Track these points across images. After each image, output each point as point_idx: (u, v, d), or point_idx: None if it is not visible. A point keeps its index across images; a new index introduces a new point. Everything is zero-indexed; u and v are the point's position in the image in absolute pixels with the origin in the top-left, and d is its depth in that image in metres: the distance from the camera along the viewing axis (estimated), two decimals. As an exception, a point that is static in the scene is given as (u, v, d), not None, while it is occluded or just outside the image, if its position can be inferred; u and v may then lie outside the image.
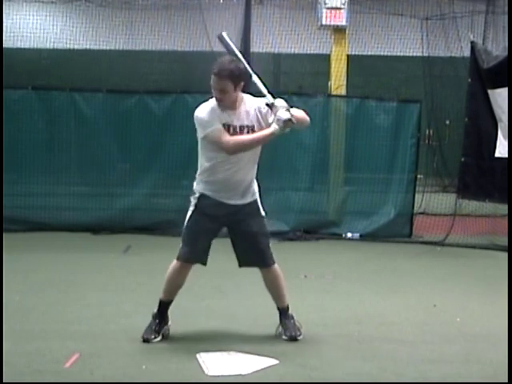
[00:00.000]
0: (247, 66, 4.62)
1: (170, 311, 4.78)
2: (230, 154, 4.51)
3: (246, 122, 4.58)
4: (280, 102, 4.52)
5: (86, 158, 9.44)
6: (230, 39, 4.77)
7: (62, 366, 4.13)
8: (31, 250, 7.95)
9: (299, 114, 4.60)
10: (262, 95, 4.62)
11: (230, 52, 4.70)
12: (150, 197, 9.51)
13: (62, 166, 9.39)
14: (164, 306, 4.75)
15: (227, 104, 4.53)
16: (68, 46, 12.75)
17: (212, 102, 4.60)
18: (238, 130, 4.55)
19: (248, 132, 4.57)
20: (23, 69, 12.54)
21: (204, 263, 4.78)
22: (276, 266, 4.80)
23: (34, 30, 12.69)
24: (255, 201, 4.74)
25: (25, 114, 9.24)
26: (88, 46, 12.83)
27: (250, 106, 4.61)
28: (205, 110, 4.57)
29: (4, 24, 12.04)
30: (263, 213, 4.78)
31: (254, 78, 4.64)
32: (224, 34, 4.78)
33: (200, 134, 4.59)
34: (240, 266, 4.84)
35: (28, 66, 12.90)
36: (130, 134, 9.39)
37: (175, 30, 12.65)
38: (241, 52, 4.81)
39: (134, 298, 5.78)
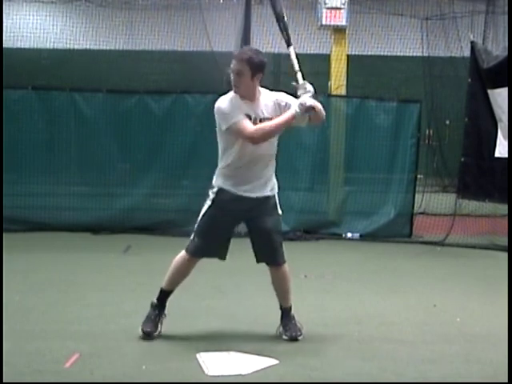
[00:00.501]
0: (288, 32, 4.72)
1: (170, 311, 4.78)
2: (254, 143, 4.47)
3: (265, 114, 4.58)
4: (309, 86, 4.53)
5: (86, 158, 9.43)
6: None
7: (62, 366, 4.13)
8: (31, 250, 7.95)
9: (320, 106, 4.57)
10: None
11: (278, 9, 4.78)
12: (150, 197, 9.50)
13: (62, 166, 9.37)
14: (164, 295, 4.76)
15: (243, 92, 4.53)
16: (68, 46, 12.75)
17: (231, 94, 4.61)
18: (258, 121, 4.54)
19: None
20: (23, 69, 12.54)
21: (222, 258, 4.78)
22: (286, 265, 4.80)
23: (34, 30, 12.70)
24: (274, 196, 4.74)
25: (25, 113, 9.23)
26: (88, 46, 12.84)
27: (268, 98, 4.62)
28: (226, 101, 4.57)
29: (4, 24, 12.04)
30: (280, 211, 4.77)
31: (291, 50, 4.66)
32: None
33: (223, 126, 4.54)
34: (257, 261, 4.83)
35: (28, 65, 12.90)
36: (130, 134, 9.38)
37: (175, 30, 12.65)
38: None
39: (134, 298, 5.77)
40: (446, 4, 12.26)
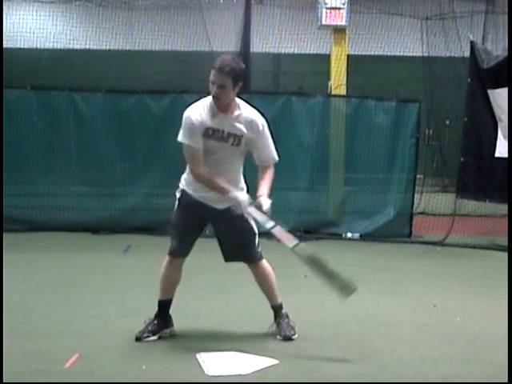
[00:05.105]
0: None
1: (170, 311, 4.76)
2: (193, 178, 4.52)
3: (234, 131, 4.47)
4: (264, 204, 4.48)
5: (86, 158, 9.43)
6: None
7: (62, 366, 4.13)
8: (31, 250, 7.95)
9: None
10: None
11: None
12: (150, 197, 9.50)
13: (62, 166, 9.37)
14: (163, 306, 4.71)
15: (223, 103, 4.42)
16: (68, 46, 12.76)
17: (204, 103, 4.49)
18: (225, 135, 4.45)
19: (234, 141, 4.47)
20: (23, 69, 12.55)
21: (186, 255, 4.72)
22: (264, 261, 4.76)
23: (34, 30, 12.71)
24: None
25: (24, 114, 9.23)
26: (88, 46, 12.85)
27: (244, 115, 4.51)
28: (193, 114, 4.45)
29: (4, 24, 12.05)
30: None
31: (276, 230, 4.55)
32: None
33: (179, 136, 4.52)
34: (226, 260, 4.78)
35: (28, 65, 12.90)
36: (130, 133, 9.39)
37: (175, 30, 12.66)
38: (241, 52, 4.76)
39: (133, 298, 5.77)
40: (445, 4, 12.28)
